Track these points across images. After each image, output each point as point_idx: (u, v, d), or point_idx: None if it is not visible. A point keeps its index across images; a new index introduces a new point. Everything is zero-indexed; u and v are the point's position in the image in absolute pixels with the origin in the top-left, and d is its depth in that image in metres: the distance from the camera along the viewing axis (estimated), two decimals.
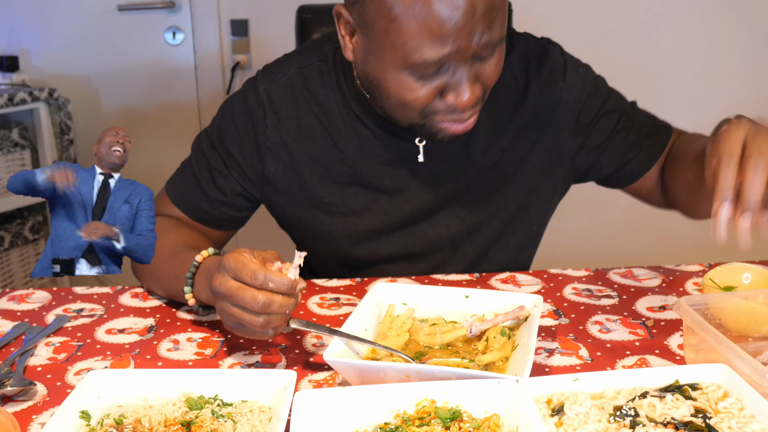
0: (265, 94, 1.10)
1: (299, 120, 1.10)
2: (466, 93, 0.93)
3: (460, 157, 1.12)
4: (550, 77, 1.13)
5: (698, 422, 0.68)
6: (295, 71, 1.11)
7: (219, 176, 1.13)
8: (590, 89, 1.15)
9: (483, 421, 0.70)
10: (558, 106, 1.13)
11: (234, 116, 1.12)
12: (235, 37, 2.63)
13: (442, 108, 0.96)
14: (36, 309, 1.07)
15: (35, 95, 2.38)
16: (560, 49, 1.16)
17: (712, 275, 0.96)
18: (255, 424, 0.72)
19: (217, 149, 1.13)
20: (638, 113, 1.19)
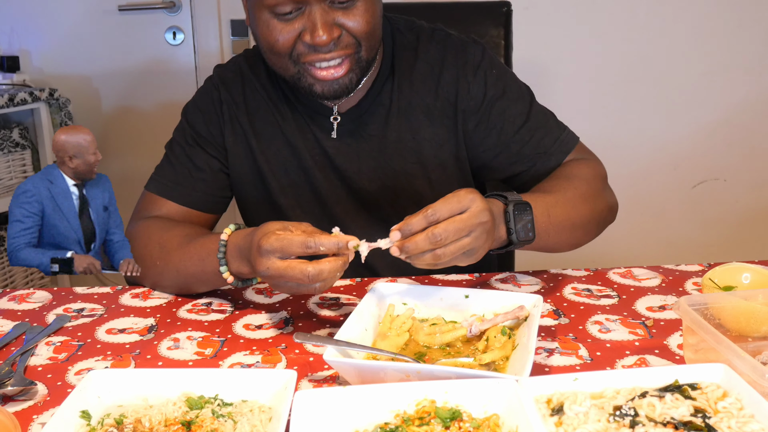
0: (218, 77, 1.25)
1: (246, 97, 1.22)
2: (319, 31, 1.01)
3: (378, 138, 1.19)
4: (463, 69, 1.18)
5: (698, 422, 0.68)
6: (242, 59, 1.25)
7: (195, 157, 1.22)
8: (498, 90, 1.19)
9: (483, 421, 0.70)
10: (465, 97, 1.18)
11: (197, 104, 1.24)
12: (235, 37, 2.63)
13: (304, 50, 1.04)
14: (36, 309, 1.07)
15: (36, 95, 2.39)
16: (482, 49, 1.21)
17: (712, 275, 0.96)
18: (255, 423, 0.72)
19: (189, 135, 1.23)
20: (542, 127, 1.20)
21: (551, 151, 1.19)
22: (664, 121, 2.54)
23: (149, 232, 1.15)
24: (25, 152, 2.46)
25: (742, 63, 2.55)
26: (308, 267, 0.85)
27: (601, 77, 2.47)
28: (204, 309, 1.06)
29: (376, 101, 1.18)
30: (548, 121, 1.22)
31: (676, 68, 2.54)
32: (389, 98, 1.18)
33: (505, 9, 1.59)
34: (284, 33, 1.04)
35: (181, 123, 1.26)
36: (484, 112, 1.19)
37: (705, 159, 2.58)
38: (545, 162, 1.19)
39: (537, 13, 2.45)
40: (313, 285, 0.87)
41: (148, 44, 2.66)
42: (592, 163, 1.21)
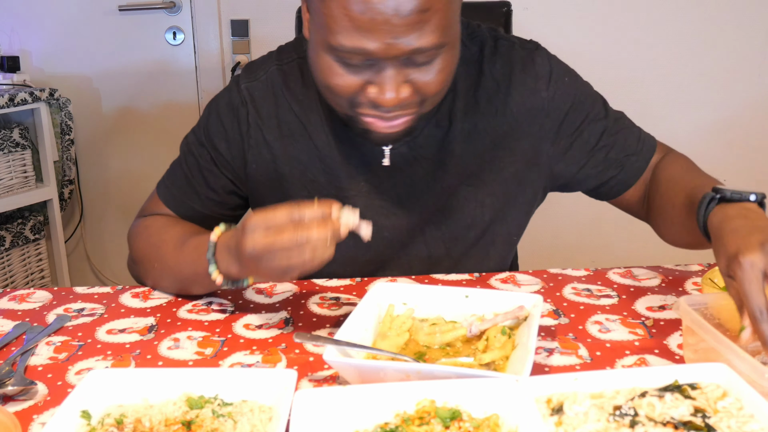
0: (247, 92, 1.11)
1: (279, 118, 1.11)
2: (387, 91, 0.90)
3: (434, 162, 1.10)
4: (534, 85, 1.10)
5: (698, 422, 0.68)
6: (276, 69, 1.12)
7: (209, 175, 1.14)
8: (574, 100, 1.12)
9: (483, 421, 0.70)
10: (540, 115, 1.11)
11: (220, 115, 1.13)
12: (235, 37, 2.63)
13: (365, 102, 0.94)
14: (37, 308, 1.07)
15: (36, 95, 2.39)
16: (547, 55, 1.13)
17: (712, 275, 0.96)
18: (255, 423, 0.72)
19: (206, 147, 1.13)
20: (623, 128, 1.16)
21: (638, 151, 1.14)
22: (664, 121, 2.53)
23: (148, 233, 1.14)
24: (26, 152, 2.47)
25: (742, 63, 2.55)
26: (296, 233, 0.82)
27: (601, 77, 2.46)
28: (204, 309, 1.06)
29: (433, 122, 1.08)
30: (625, 121, 1.17)
31: (676, 68, 2.54)
32: (448, 119, 1.08)
33: (505, 9, 1.60)
34: (347, 80, 0.92)
35: (200, 129, 1.15)
36: (563, 125, 1.12)
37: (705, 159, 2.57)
38: (633, 163, 1.14)
39: (537, 13, 2.45)
40: (303, 254, 0.82)
41: (148, 44, 2.66)
42: (682, 154, 1.17)
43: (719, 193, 0.91)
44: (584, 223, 2.63)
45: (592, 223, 2.62)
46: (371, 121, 0.96)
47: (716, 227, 0.87)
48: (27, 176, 2.48)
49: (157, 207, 1.18)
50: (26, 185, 2.48)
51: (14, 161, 2.43)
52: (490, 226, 1.16)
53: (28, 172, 2.48)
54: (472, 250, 1.17)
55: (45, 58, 2.70)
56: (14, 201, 2.43)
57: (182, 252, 1.04)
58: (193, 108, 2.70)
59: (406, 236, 1.15)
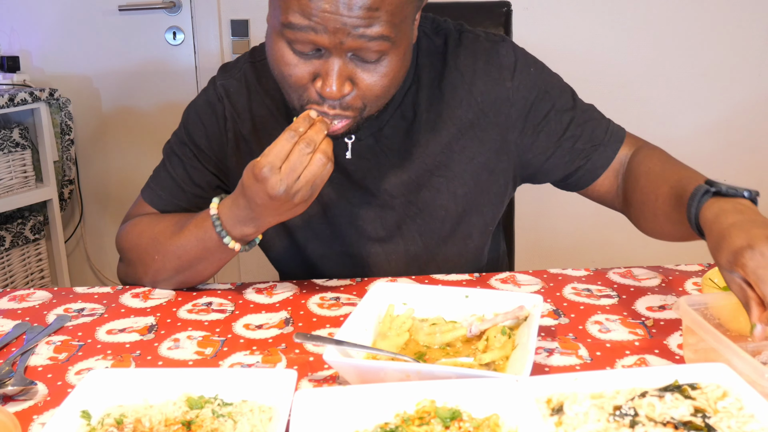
0: (222, 88, 1.16)
1: (253, 112, 1.14)
2: (332, 83, 0.92)
3: (400, 152, 1.11)
4: (499, 76, 1.10)
5: (698, 422, 0.68)
6: (249, 65, 1.16)
7: (194, 171, 1.16)
8: (540, 90, 1.12)
9: (483, 421, 0.70)
10: (505, 105, 1.11)
11: (198, 112, 1.17)
12: (235, 37, 2.63)
13: (314, 96, 0.95)
14: (37, 308, 1.07)
15: (36, 95, 2.39)
16: (512, 47, 1.13)
17: (712, 275, 0.96)
18: (255, 423, 0.72)
19: (188, 146, 1.16)
20: (590, 119, 1.15)
21: (605, 142, 1.14)
22: (664, 121, 2.54)
23: (138, 230, 1.14)
24: (26, 152, 2.47)
25: (742, 63, 2.55)
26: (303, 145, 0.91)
27: (601, 78, 2.47)
28: (204, 309, 1.06)
29: (398, 113, 1.10)
30: (594, 113, 1.17)
31: (676, 68, 2.54)
32: (413, 110, 1.10)
33: (505, 9, 1.59)
34: (297, 70, 0.94)
35: (180, 129, 1.18)
36: (529, 115, 1.12)
37: (705, 160, 2.57)
38: (601, 153, 1.14)
39: (537, 13, 2.45)
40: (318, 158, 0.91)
41: (148, 44, 2.66)
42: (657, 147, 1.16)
43: (714, 186, 0.90)
44: (584, 223, 2.63)
45: (592, 223, 2.62)
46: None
47: (712, 221, 0.86)
48: (27, 176, 2.48)
49: (144, 211, 1.19)
50: (26, 185, 2.48)
51: (14, 161, 2.43)
52: (464, 217, 1.16)
53: (28, 172, 2.48)
54: (449, 243, 1.18)
55: (45, 58, 2.70)
56: (14, 201, 2.43)
57: (183, 235, 1.06)
58: None
59: (381, 229, 1.16)
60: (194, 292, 1.12)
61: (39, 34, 2.68)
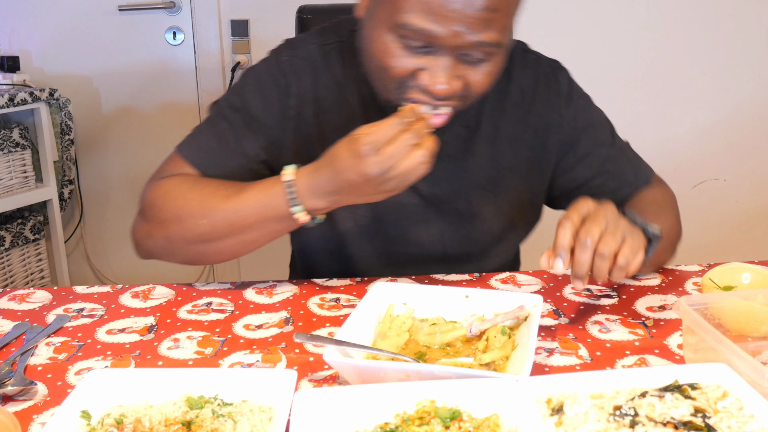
0: (289, 64, 1.11)
1: (318, 95, 1.11)
2: (441, 79, 0.93)
3: (457, 161, 1.12)
4: (556, 102, 1.15)
5: (698, 422, 0.68)
6: (316, 47, 1.12)
7: (243, 139, 1.10)
8: (587, 123, 1.17)
9: (483, 421, 0.70)
10: (555, 131, 1.15)
11: (260, 83, 1.11)
12: (235, 37, 2.63)
13: (416, 87, 0.96)
14: (36, 309, 1.07)
15: (36, 95, 2.39)
16: (568, 76, 1.18)
17: (712, 275, 0.96)
18: (255, 423, 0.72)
19: (241, 113, 1.10)
20: (624, 159, 1.20)
21: (631, 183, 1.19)
22: (664, 121, 2.54)
23: (181, 190, 1.06)
24: (26, 152, 2.46)
25: (742, 63, 2.55)
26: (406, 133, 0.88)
27: (601, 78, 2.47)
28: (204, 309, 1.06)
29: (460, 122, 1.10)
30: (627, 152, 1.22)
31: (676, 68, 2.54)
32: (476, 120, 1.12)
33: None
34: (403, 62, 0.94)
35: (235, 93, 1.12)
36: (573, 143, 1.16)
37: (705, 159, 2.58)
38: (624, 193, 1.18)
39: (536, 13, 2.44)
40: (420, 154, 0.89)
41: (148, 44, 2.66)
42: (669, 190, 1.22)
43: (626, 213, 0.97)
44: None
45: None
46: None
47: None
48: (27, 176, 2.48)
49: (179, 169, 1.10)
50: (26, 185, 2.48)
51: (14, 161, 2.43)
52: (504, 232, 1.19)
53: (28, 172, 2.48)
54: (484, 256, 1.20)
55: (45, 58, 2.70)
56: (14, 201, 2.43)
57: (241, 200, 1.00)
58: (193, 108, 2.70)
59: (423, 232, 1.17)
60: (194, 292, 1.12)
61: (39, 34, 2.67)
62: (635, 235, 0.92)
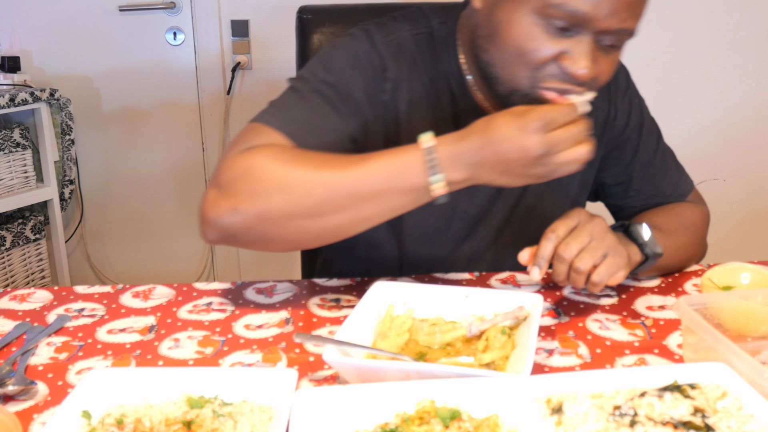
0: (385, 46, 1.04)
1: (412, 85, 1.05)
2: (585, 63, 0.90)
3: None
4: (614, 95, 1.16)
5: (697, 421, 0.68)
6: (409, 35, 1.06)
7: (341, 116, 1.01)
8: (637, 121, 1.17)
9: (483, 421, 0.70)
10: (609, 124, 1.16)
11: (356, 61, 1.03)
12: (235, 37, 2.63)
13: (555, 72, 0.92)
14: (37, 309, 1.07)
15: (36, 95, 2.39)
16: (627, 74, 1.19)
17: (711, 275, 0.96)
18: (255, 423, 0.72)
19: (335, 89, 1.01)
20: (666, 168, 1.21)
21: (668, 195, 1.20)
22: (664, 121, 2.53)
23: (286, 157, 0.92)
24: (26, 152, 2.47)
25: (742, 63, 2.55)
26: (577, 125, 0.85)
27: None
28: (204, 309, 1.06)
29: None
30: (670, 162, 1.22)
31: (675, 68, 2.54)
32: None
33: None
34: (546, 47, 0.90)
35: (321, 71, 1.03)
36: (622, 139, 1.17)
37: (704, 159, 2.58)
38: (658, 203, 1.19)
39: None
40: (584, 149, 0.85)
41: (148, 45, 2.66)
42: (703, 210, 1.22)
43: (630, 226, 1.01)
44: None
45: None
46: (554, 98, 0.93)
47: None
48: (27, 176, 2.48)
49: (268, 139, 0.96)
50: (27, 185, 2.48)
51: (15, 161, 2.43)
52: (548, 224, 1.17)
53: (29, 172, 2.49)
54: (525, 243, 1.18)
55: (45, 58, 2.70)
56: (15, 201, 2.43)
57: (366, 167, 0.89)
58: (193, 108, 2.70)
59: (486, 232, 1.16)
60: (195, 292, 1.12)
61: (39, 34, 2.68)
62: (618, 254, 0.93)
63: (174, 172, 2.69)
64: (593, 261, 0.92)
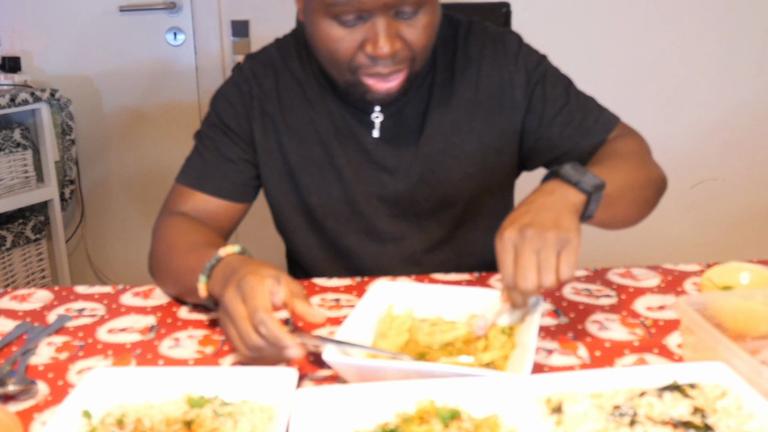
0: (250, 70, 1.20)
1: (279, 91, 1.19)
2: (382, 43, 0.99)
3: (417, 133, 1.17)
4: (504, 61, 1.18)
5: (697, 421, 0.68)
6: (274, 49, 1.22)
7: (225, 148, 1.19)
8: (540, 75, 1.19)
9: (482, 421, 0.70)
10: (509, 88, 1.18)
11: (226, 95, 1.21)
12: (235, 38, 2.63)
13: (365, 61, 1.02)
14: (38, 308, 1.07)
15: (37, 96, 2.39)
16: (518, 38, 1.21)
17: (711, 275, 0.97)
18: (255, 423, 0.72)
19: (218, 127, 1.20)
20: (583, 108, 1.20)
21: (593, 130, 1.19)
22: (663, 121, 2.54)
23: (168, 231, 1.12)
24: (27, 152, 2.47)
25: (742, 63, 2.55)
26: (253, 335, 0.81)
27: (600, 78, 2.47)
28: (204, 309, 1.06)
29: (417, 95, 1.16)
30: (588, 103, 1.22)
31: (675, 68, 2.54)
32: (428, 92, 1.17)
33: (504, 9, 1.60)
34: (345, 42, 1.01)
35: (209, 114, 1.22)
36: (530, 97, 1.19)
37: (704, 159, 2.58)
38: (588, 140, 1.18)
39: (536, 13, 2.45)
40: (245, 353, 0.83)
41: (148, 45, 2.66)
42: (636, 138, 1.19)
43: (561, 170, 0.94)
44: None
45: None
46: (371, 83, 1.05)
47: (527, 196, 0.93)
48: (28, 176, 2.48)
49: (180, 198, 1.18)
50: (27, 185, 2.48)
51: (15, 161, 2.43)
52: (476, 197, 1.21)
53: (29, 172, 2.49)
54: (463, 225, 1.23)
55: (46, 58, 2.70)
56: (15, 201, 2.43)
57: (189, 258, 1.02)
58: (193, 108, 2.70)
59: (395, 207, 1.20)
60: None
61: (40, 34, 2.68)
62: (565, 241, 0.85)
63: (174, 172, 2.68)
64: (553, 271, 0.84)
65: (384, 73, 1.03)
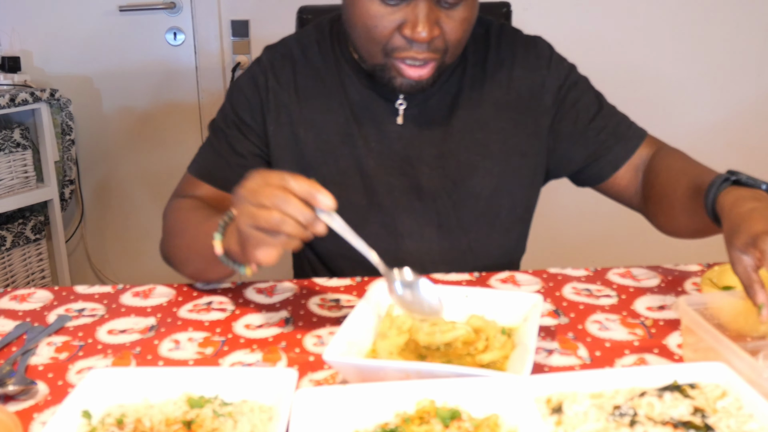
0: (268, 62, 1.20)
1: (297, 83, 1.19)
2: (421, 27, 0.99)
3: (443, 126, 1.17)
4: (536, 64, 1.19)
5: (697, 421, 0.68)
6: (294, 42, 1.22)
7: (236, 143, 1.19)
8: (571, 81, 1.20)
9: (482, 421, 0.70)
10: (540, 92, 1.19)
11: (242, 87, 1.21)
12: (235, 37, 2.63)
13: (400, 43, 1.03)
14: (37, 309, 1.07)
15: (37, 96, 2.39)
16: (549, 45, 1.22)
17: (711, 275, 0.96)
18: (255, 423, 0.72)
19: (232, 119, 1.20)
20: (615, 115, 1.23)
21: (628, 136, 1.20)
22: (663, 121, 2.53)
23: (181, 207, 1.15)
24: (27, 152, 2.47)
25: (742, 63, 2.55)
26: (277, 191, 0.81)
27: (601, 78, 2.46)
28: (204, 309, 1.06)
29: (444, 89, 1.16)
30: (617, 112, 1.24)
31: (675, 68, 2.54)
32: (457, 86, 1.17)
33: (504, 10, 1.59)
34: (385, 21, 1.02)
35: (224, 105, 1.23)
36: (560, 102, 1.19)
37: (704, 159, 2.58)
38: (623, 146, 1.20)
39: (536, 14, 2.45)
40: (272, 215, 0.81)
41: (148, 45, 2.67)
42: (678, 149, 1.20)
43: (734, 175, 0.93)
44: (584, 223, 2.63)
45: (592, 223, 2.62)
46: (403, 67, 1.05)
47: (730, 206, 0.89)
48: (28, 176, 2.48)
49: (191, 187, 1.20)
50: (27, 185, 2.48)
51: (15, 161, 2.43)
52: (495, 196, 1.20)
53: (29, 172, 2.49)
54: (480, 222, 1.21)
55: (46, 58, 2.70)
56: (15, 201, 2.43)
57: (203, 226, 1.02)
58: (193, 108, 2.70)
59: (416, 200, 1.19)
60: (195, 292, 1.12)
61: (40, 34, 2.68)
62: None
63: (174, 172, 2.69)
64: None
65: (418, 58, 1.03)
